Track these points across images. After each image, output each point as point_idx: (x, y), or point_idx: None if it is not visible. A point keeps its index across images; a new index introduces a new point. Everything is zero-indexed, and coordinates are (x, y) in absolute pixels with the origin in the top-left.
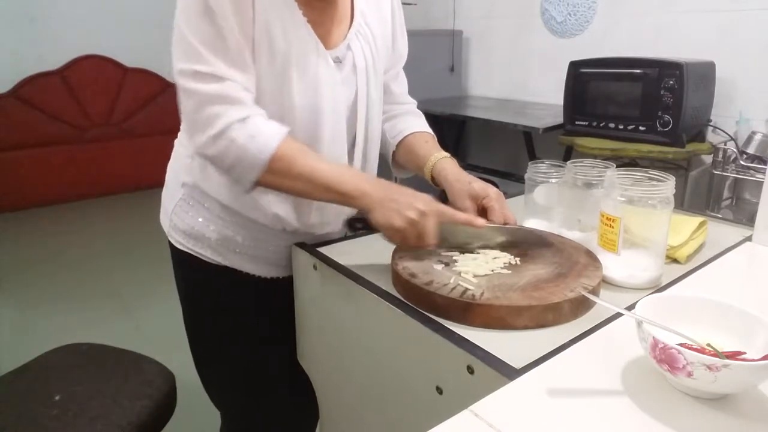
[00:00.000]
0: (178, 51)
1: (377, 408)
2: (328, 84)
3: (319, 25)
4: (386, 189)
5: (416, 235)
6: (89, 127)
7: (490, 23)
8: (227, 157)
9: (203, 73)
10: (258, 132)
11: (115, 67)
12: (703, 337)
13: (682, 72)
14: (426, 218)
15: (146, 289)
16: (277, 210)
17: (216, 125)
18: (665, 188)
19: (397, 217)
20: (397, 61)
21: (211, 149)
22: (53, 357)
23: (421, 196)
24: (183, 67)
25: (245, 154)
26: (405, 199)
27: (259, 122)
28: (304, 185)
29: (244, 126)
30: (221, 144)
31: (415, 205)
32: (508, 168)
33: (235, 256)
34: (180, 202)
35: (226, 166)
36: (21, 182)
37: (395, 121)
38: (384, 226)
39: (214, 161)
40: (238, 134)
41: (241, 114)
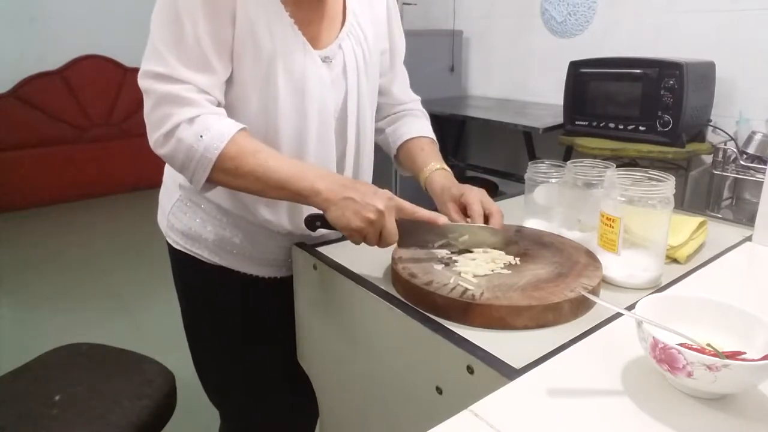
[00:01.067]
0: (146, 54)
1: (377, 408)
2: (316, 84)
3: (309, 24)
4: (342, 187)
5: (376, 233)
6: (89, 127)
7: (490, 23)
8: (177, 157)
9: (161, 74)
10: (206, 130)
11: (115, 67)
12: (703, 337)
13: (682, 72)
14: (384, 217)
15: (146, 289)
16: (267, 215)
17: (166, 125)
18: (665, 188)
19: (354, 218)
20: (395, 61)
21: (161, 149)
22: (53, 357)
23: (380, 193)
24: (145, 68)
25: (193, 153)
26: (362, 197)
27: (209, 120)
28: (255, 184)
29: (192, 125)
30: (170, 143)
31: (374, 204)
32: (508, 168)
33: (232, 256)
34: (177, 203)
35: (177, 165)
36: (21, 182)
37: (397, 125)
38: (341, 226)
39: (166, 160)
40: (186, 134)
41: (190, 114)
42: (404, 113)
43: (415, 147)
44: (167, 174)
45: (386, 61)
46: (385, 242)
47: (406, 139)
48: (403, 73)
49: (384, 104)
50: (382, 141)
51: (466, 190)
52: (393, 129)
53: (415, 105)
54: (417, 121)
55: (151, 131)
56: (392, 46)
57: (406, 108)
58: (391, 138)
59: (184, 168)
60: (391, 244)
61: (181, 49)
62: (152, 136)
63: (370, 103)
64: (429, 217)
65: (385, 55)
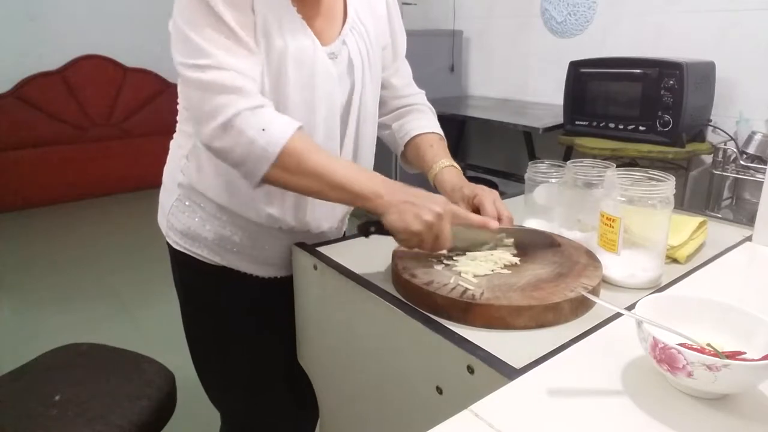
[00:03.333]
0: (179, 46)
1: (377, 408)
2: (325, 79)
3: (312, 21)
4: (401, 191)
5: (433, 238)
6: (89, 127)
7: (490, 23)
8: (235, 150)
9: (204, 65)
10: (269, 124)
11: (115, 67)
12: (703, 337)
13: (682, 72)
14: (442, 221)
15: (146, 289)
16: (271, 210)
17: (224, 114)
18: (665, 188)
19: (414, 221)
20: (397, 56)
21: (218, 141)
22: (53, 357)
23: (436, 198)
24: (183, 60)
25: (254, 147)
26: (421, 201)
27: (271, 114)
28: (315, 183)
29: (254, 116)
30: (229, 135)
31: (432, 208)
32: (508, 168)
33: (232, 255)
34: (176, 203)
35: (234, 159)
36: (21, 182)
37: (403, 121)
38: (400, 229)
39: (221, 154)
40: (247, 124)
41: (250, 103)
42: (410, 108)
43: (424, 143)
44: (167, 173)
45: (388, 56)
46: (439, 246)
47: (413, 136)
48: (406, 67)
49: (388, 98)
50: (389, 137)
51: (479, 191)
52: (399, 125)
53: (421, 99)
54: (424, 117)
55: (203, 123)
56: (393, 41)
57: (411, 102)
58: (398, 134)
59: (241, 162)
60: (445, 249)
61: (219, 37)
62: (206, 127)
63: (373, 98)
64: (482, 222)
65: (386, 50)
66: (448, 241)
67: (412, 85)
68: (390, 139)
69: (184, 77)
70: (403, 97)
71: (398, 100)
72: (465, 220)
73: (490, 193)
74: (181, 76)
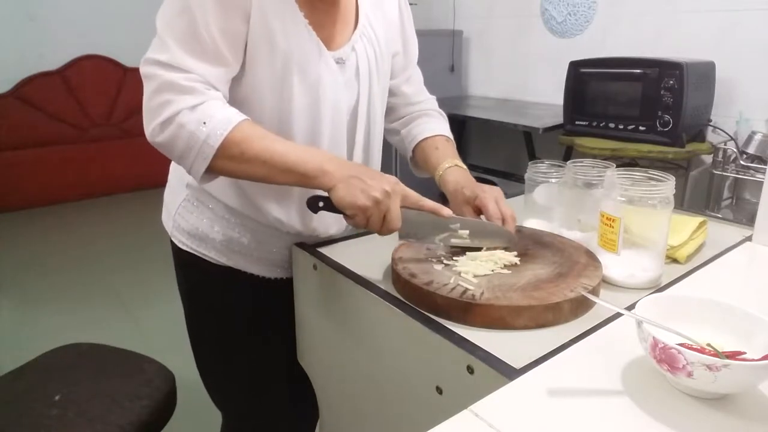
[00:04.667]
0: (152, 45)
1: (377, 408)
2: (330, 85)
3: (323, 27)
4: (350, 167)
5: (380, 215)
6: (89, 127)
7: (490, 23)
8: (177, 145)
9: (163, 62)
10: (209, 117)
11: (115, 67)
12: (703, 337)
13: (682, 72)
14: (390, 199)
15: (146, 289)
16: (278, 215)
17: (165, 112)
18: (665, 188)
19: (361, 195)
20: (409, 63)
21: (159, 136)
22: (53, 357)
23: (387, 178)
24: (150, 56)
25: (195, 140)
26: (370, 179)
27: (212, 107)
28: (261, 168)
29: (194, 112)
30: (170, 130)
31: (381, 185)
32: (508, 168)
33: (239, 257)
34: (184, 203)
35: (177, 154)
36: (21, 182)
37: (410, 127)
38: (347, 204)
39: (164, 149)
40: (187, 120)
41: (193, 101)
42: (419, 114)
43: (430, 146)
44: (173, 173)
45: (399, 63)
46: (387, 227)
47: (420, 139)
48: (418, 74)
49: (398, 105)
50: (398, 143)
51: (480, 192)
52: (408, 130)
53: (431, 104)
54: (432, 121)
55: (148, 119)
56: (405, 48)
57: (421, 108)
58: (407, 139)
59: (184, 157)
60: (393, 230)
61: (188, 40)
62: (150, 124)
63: (381, 104)
64: (433, 207)
65: (397, 57)
66: (397, 221)
67: (423, 91)
68: (400, 146)
69: (142, 71)
70: (414, 104)
71: (409, 107)
72: (416, 202)
73: (492, 193)
74: (141, 69)
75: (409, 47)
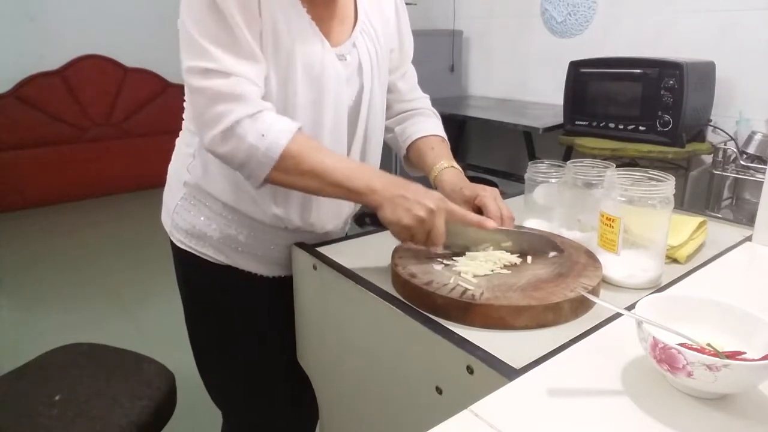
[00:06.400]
0: (187, 49)
1: (377, 408)
2: (333, 80)
3: (323, 22)
4: (396, 186)
5: (425, 233)
6: (89, 127)
7: (490, 23)
8: (237, 155)
9: (211, 70)
10: (268, 129)
11: (115, 67)
12: (703, 337)
13: (682, 72)
14: (435, 217)
15: (146, 289)
16: (277, 210)
17: (224, 122)
18: (665, 188)
19: (405, 215)
20: (404, 60)
21: (220, 147)
22: (53, 357)
23: (431, 194)
24: (191, 64)
25: (255, 152)
26: (415, 196)
27: (269, 119)
28: (313, 182)
29: (254, 123)
30: (231, 142)
31: (425, 203)
32: (508, 168)
33: (237, 254)
34: (182, 201)
35: (236, 163)
36: (21, 182)
37: (406, 125)
38: (392, 223)
39: (224, 159)
40: (247, 131)
41: (249, 110)
42: (414, 112)
43: (425, 146)
44: (172, 172)
45: (395, 60)
46: (432, 242)
47: (415, 139)
48: (412, 72)
49: (393, 101)
50: (391, 140)
51: (479, 192)
52: (402, 128)
53: (425, 103)
54: (427, 120)
55: (205, 129)
56: (401, 45)
57: (415, 107)
58: (401, 138)
59: (243, 166)
60: (438, 245)
61: (227, 41)
62: (208, 134)
63: (381, 100)
64: (478, 221)
65: (393, 53)
66: (441, 238)
67: (417, 89)
68: (393, 143)
69: (188, 83)
70: (408, 101)
71: (403, 104)
72: (461, 218)
73: (491, 192)
74: (185, 81)
75: (404, 44)
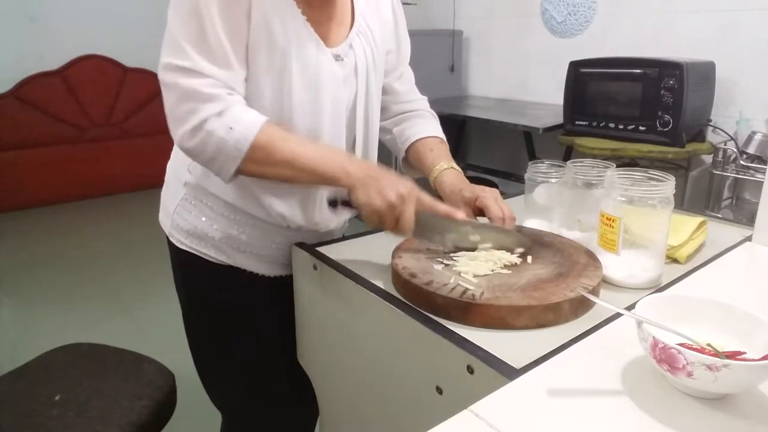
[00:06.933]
0: (165, 46)
1: (377, 408)
2: (329, 81)
3: (319, 24)
4: (369, 169)
5: (394, 218)
6: (89, 127)
7: (490, 23)
8: (206, 150)
9: (184, 68)
10: (236, 122)
11: (115, 67)
12: (703, 337)
13: (682, 72)
14: (405, 203)
15: (146, 289)
16: (281, 209)
17: (192, 120)
18: (665, 188)
19: (377, 197)
20: (401, 62)
21: (189, 142)
22: (53, 357)
23: (403, 181)
24: (167, 60)
25: (224, 145)
26: (387, 181)
27: (237, 112)
28: (286, 171)
29: (221, 119)
30: (199, 136)
31: (397, 188)
32: (508, 168)
33: (239, 254)
34: (182, 202)
35: (205, 158)
36: (21, 182)
37: (404, 126)
38: (363, 205)
39: (192, 154)
40: (215, 127)
41: (217, 108)
42: (412, 114)
43: (424, 147)
44: (170, 173)
45: (392, 61)
46: (400, 229)
47: (414, 140)
48: (409, 73)
49: (390, 103)
50: (390, 142)
51: (480, 193)
52: (400, 130)
53: (423, 105)
54: (425, 122)
55: (176, 126)
56: (398, 46)
57: (413, 108)
58: (399, 139)
59: (212, 160)
60: (406, 232)
61: (202, 44)
62: (178, 130)
63: (378, 102)
64: (447, 211)
65: (390, 55)
66: (410, 224)
67: (414, 90)
68: (391, 144)
69: (162, 78)
70: (406, 102)
71: (400, 105)
72: (430, 206)
73: (492, 193)
74: (160, 76)
75: (401, 45)
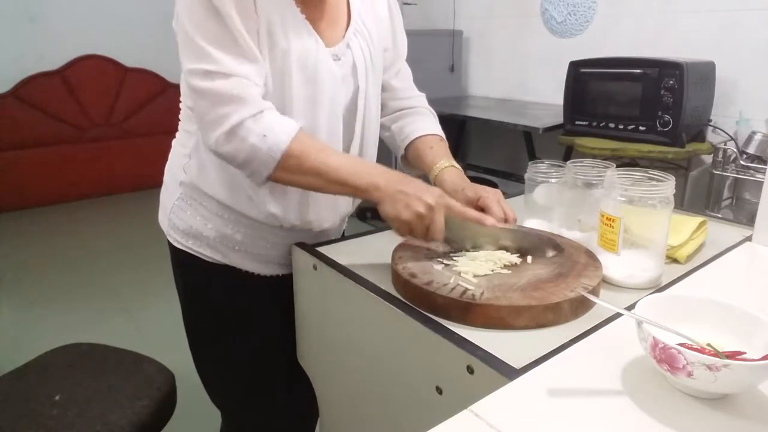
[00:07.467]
0: (186, 52)
1: (377, 408)
2: (328, 79)
3: (317, 23)
4: (398, 182)
5: (423, 227)
6: (89, 127)
7: (490, 23)
8: (239, 156)
9: (212, 72)
10: (270, 130)
11: (115, 67)
12: (703, 337)
13: (682, 72)
14: (434, 212)
15: (146, 289)
16: (273, 209)
17: (226, 124)
18: (665, 188)
19: (404, 210)
20: (398, 59)
21: (223, 147)
22: (53, 357)
23: (431, 190)
24: (192, 67)
25: (257, 152)
26: (415, 192)
27: (272, 119)
28: (316, 180)
29: (256, 124)
30: (233, 142)
31: (424, 199)
32: (508, 168)
33: (234, 254)
34: (178, 201)
35: (238, 163)
36: (21, 182)
37: (402, 123)
38: (392, 218)
39: (226, 158)
40: (249, 132)
41: (251, 111)
42: (410, 111)
43: (424, 145)
44: (168, 172)
45: (389, 58)
46: (430, 237)
47: (414, 138)
48: (406, 70)
49: (388, 100)
50: (389, 139)
51: (482, 193)
52: (399, 127)
53: (421, 102)
54: (424, 119)
55: (208, 130)
56: (395, 43)
57: (411, 105)
58: (398, 137)
59: (245, 165)
60: (437, 240)
61: (226, 42)
62: (211, 135)
63: (376, 100)
64: (477, 217)
65: (387, 52)
66: (440, 233)
67: (412, 87)
68: (390, 141)
69: (191, 86)
70: (404, 99)
71: (398, 102)
72: (460, 213)
73: (494, 194)
74: (188, 83)
75: (398, 42)
